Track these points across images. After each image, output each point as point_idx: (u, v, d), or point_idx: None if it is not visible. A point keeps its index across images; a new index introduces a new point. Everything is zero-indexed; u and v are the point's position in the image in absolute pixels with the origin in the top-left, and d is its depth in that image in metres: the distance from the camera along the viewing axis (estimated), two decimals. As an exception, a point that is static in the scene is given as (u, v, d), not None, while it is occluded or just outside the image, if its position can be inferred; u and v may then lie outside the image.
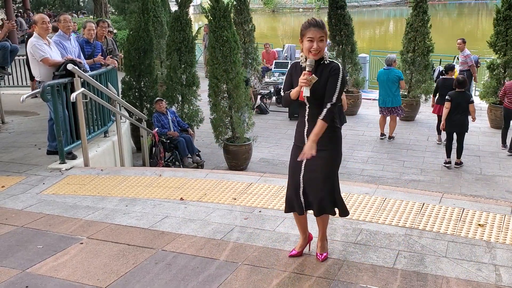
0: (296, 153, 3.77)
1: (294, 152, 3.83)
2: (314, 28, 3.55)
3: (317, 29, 3.55)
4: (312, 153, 3.57)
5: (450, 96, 9.19)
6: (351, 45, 13.19)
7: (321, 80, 3.60)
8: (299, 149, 3.73)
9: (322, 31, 3.56)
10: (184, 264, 3.97)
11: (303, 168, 3.76)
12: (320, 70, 3.63)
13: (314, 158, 3.63)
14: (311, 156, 3.59)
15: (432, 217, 4.71)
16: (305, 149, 3.60)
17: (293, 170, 3.83)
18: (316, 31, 3.54)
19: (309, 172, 3.74)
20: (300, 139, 3.77)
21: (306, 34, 3.58)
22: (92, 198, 5.48)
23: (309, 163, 3.72)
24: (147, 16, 10.26)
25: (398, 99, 10.92)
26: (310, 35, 3.55)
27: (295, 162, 3.80)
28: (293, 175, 3.83)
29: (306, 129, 3.71)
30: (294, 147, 3.87)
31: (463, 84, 9.16)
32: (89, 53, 8.01)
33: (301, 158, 3.65)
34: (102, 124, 7.79)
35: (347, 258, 3.98)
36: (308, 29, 3.57)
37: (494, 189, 8.38)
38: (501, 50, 11.58)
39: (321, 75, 3.62)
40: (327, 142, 3.70)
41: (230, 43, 8.97)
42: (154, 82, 10.58)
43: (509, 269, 3.78)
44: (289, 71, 3.84)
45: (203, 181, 5.89)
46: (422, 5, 12.40)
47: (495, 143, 10.76)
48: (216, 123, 9.45)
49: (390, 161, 9.85)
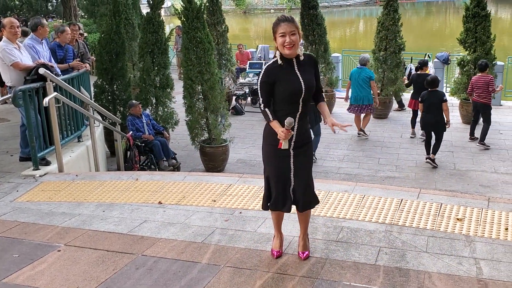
0: (278, 154, 3.72)
1: (276, 153, 3.74)
2: (284, 23, 3.56)
3: (287, 23, 3.56)
4: (338, 125, 3.73)
5: (422, 96, 9.36)
6: (324, 44, 13.25)
7: (309, 73, 3.67)
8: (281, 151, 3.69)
9: (292, 25, 3.56)
10: (166, 269, 3.92)
11: (293, 166, 3.76)
12: (301, 66, 3.66)
13: (300, 154, 3.72)
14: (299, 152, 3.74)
15: (411, 212, 4.75)
16: (334, 122, 3.72)
17: (280, 170, 3.78)
18: (286, 25, 3.55)
19: (298, 169, 3.76)
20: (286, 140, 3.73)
21: (278, 30, 3.58)
22: (68, 204, 5.38)
23: (297, 160, 3.75)
24: (118, 19, 10.12)
25: (370, 97, 11.05)
26: (282, 30, 3.55)
27: (279, 161, 3.76)
28: (282, 175, 3.79)
29: (296, 128, 3.69)
30: (273, 149, 3.73)
31: (432, 83, 9.29)
32: (61, 57, 7.89)
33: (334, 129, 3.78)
34: (75, 129, 7.66)
35: (330, 256, 3.98)
36: (278, 25, 3.58)
37: (468, 184, 8.51)
38: (471, 47, 11.77)
39: (305, 70, 3.65)
40: (307, 136, 3.81)
41: (204, 44, 8.92)
42: (127, 85, 10.45)
43: (489, 262, 3.83)
44: (265, 79, 3.63)
45: (181, 183, 5.83)
46: (393, 4, 12.53)
47: (467, 138, 10.93)
48: (191, 125, 9.38)
49: (365, 159, 9.92)
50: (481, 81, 10.22)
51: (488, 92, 10.20)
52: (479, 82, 10.26)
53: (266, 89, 3.65)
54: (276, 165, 3.80)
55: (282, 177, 3.80)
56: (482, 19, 11.59)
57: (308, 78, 3.65)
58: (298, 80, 3.62)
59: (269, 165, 3.84)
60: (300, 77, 3.63)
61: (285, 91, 3.61)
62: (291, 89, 3.60)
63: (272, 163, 3.82)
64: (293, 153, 3.74)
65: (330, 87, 13.53)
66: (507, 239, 4.19)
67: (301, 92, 3.60)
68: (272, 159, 3.81)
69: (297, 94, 3.60)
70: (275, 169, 3.81)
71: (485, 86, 10.18)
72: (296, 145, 3.73)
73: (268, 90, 3.65)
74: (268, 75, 3.64)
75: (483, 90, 10.22)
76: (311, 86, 3.66)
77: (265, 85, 3.64)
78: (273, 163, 3.81)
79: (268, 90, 3.65)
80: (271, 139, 3.75)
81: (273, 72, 3.64)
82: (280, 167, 3.79)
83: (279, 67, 3.65)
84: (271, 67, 3.67)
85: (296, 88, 3.59)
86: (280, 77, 3.62)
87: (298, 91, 3.60)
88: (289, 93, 3.61)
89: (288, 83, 3.60)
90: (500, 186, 8.33)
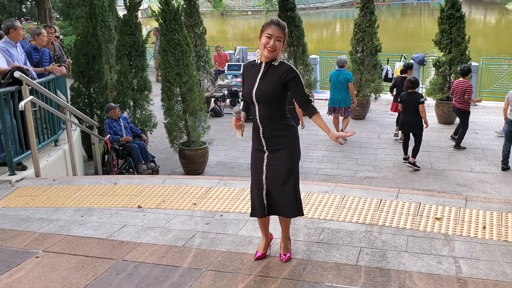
0: (256, 155, 3.82)
1: (254, 154, 3.87)
2: (275, 26, 3.58)
3: (278, 28, 3.58)
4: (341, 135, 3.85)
5: (401, 97, 9.51)
6: (302, 46, 13.31)
7: (270, 80, 3.63)
8: (258, 152, 3.80)
9: (282, 31, 3.59)
10: (147, 273, 3.88)
11: (265, 169, 3.76)
12: (268, 71, 3.65)
13: (275, 158, 3.71)
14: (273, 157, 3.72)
15: (391, 212, 4.79)
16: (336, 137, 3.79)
17: (255, 172, 3.84)
18: (276, 29, 3.57)
19: (271, 172, 3.75)
20: (258, 142, 3.79)
21: (266, 30, 3.60)
22: (45, 210, 5.29)
23: (270, 163, 3.74)
24: (95, 21, 10.01)
25: (348, 100, 11.04)
26: (270, 32, 3.58)
27: (256, 164, 3.82)
28: (255, 177, 3.83)
29: (261, 131, 3.72)
30: (253, 150, 3.89)
31: (414, 84, 9.42)
32: (37, 60, 7.76)
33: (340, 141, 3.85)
34: (52, 133, 7.56)
35: (311, 258, 3.99)
36: (269, 26, 3.60)
37: (445, 183, 8.62)
38: (446, 48, 11.93)
39: (269, 76, 3.64)
40: (284, 141, 3.75)
41: (182, 46, 8.88)
42: (104, 88, 10.34)
43: (467, 260, 3.88)
44: (242, 74, 3.85)
45: (160, 187, 5.79)
46: (369, 5, 12.64)
47: (443, 138, 11.09)
48: (170, 127, 9.32)
49: (344, 159, 9.99)
50: (459, 86, 10.25)
51: (465, 99, 10.21)
52: (457, 87, 10.31)
53: (243, 83, 3.82)
54: (253, 167, 3.87)
55: (256, 179, 3.83)
56: (457, 21, 11.76)
57: (266, 86, 3.62)
58: (253, 84, 3.66)
59: (251, 165, 3.91)
60: (258, 82, 3.65)
61: (244, 90, 3.75)
62: (245, 89, 3.72)
63: (251, 163, 3.91)
64: (267, 156, 3.76)
65: (309, 89, 13.58)
66: (484, 238, 4.25)
67: (251, 96, 3.66)
68: (251, 160, 3.90)
69: (249, 96, 3.67)
70: (252, 169, 3.88)
71: (462, 92, 10.18)
72: (269, 148, 3.75)
73: (244, 82, 3.81)
74: (242, 70, 3.85)
75: (460, 96, 10.24)
76: (265, 94, 3.62)
77: (242, 78, 3.84)
78: (251, 163, 3.90)
79: (244, 82, 3.81)
80: (253, 141, 3.85)
81: (246, 69, 3.81)
82: (255, 169, 3.84)
83: (251, 66, 3.75)
84: (247, 64, 3.84)
85: (248, 90, 3.68)
86: (246, 75, 3.76)
87: (249, 94, 3.67)
88: (245, 92, 3.74)
89: (247, 83, 3.72)
90: (476, 185, 8.46)
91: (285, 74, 3.61)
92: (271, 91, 3.62)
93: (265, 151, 3.76)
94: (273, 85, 3.62)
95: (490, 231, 4.36)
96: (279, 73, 3.63)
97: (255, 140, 3.81)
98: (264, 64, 3.67)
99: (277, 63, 3.65)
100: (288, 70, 3.63)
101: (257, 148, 3.81)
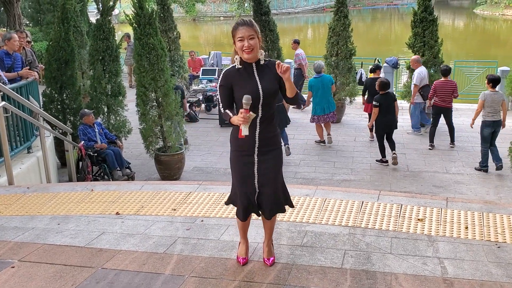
0: (242, 161, 3.67)
1: (239, 160, 3.70)
2: (242, 27, 3.50)
3: (246, 27, 3.50)
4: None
5: (378, 100, 9.52)
6: (277, 50, 13.31)
7: (268, 78, 3.58)
8: (246, 157, 3.66)
9: (251, 29, 3.50)
10: (128, 282, 3.77)
11: (257, 173, 3.67)
12: (261, 70, 3.59)
13: (265, 161, 3.63)
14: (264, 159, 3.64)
15: (373, 214, 4.78)
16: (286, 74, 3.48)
17: (244, 179, 3.70)
18: (244, 29, 3.49)
19: (263, 176, 3.67)
20: (249, 145, 3.62)
21: (236, 34, 3.52)
22: (20, 218, 5.13)
23: (261, 167, 3.65)
24: (67, 26, 9.81)
25: (333, 103, 10.99)
26: (240, 34, 3.50)
27: (244, 170, 3.68)
28: (246, 182, 3.71)
29: (258, 132, 3.61)
30: (237, 155, 3.70)
31: (387, 86, 9.54)
32: (9, 65, 7.57)
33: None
34: (25, 140, 7.37)
35: (296, 262, 3.94)
36: (237, 30, 3.52)
37: (422, 185, 8.69)
38: (419, 50, 12.07)
39: (265, 74, 3.58)
40: (274, 141, 3.69)
41: (157, 51, 8.77)
42: (77, 94, 10.13)
43: (452, 261, 3.88)
44: (223, 83, 3.60)
45: (138, 193, 5.67)
46: (343, 9, 12.73)
47: (418, 140, 11.21)
48: (145, 133, 9.18)
49: (321, 163, 9.99)
50: (446, 86, 10.46)
51: (452, 97, 10.52)
52: (444, 87, 10.47)
53: (224, 93, 3.60)
54: (240, 172, 3.72)
55: (246, 185, 3.71)
56: (429, 24, 11.92)
57: (267, 83, 3.57)
58: (256, 85, 3.55)
59: (234, 171, 3.77)
60: (259, 81, 3.56)
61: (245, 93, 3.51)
62: (247, 92, 3.49)
63: (236, 169, 3.75)
64: (257, 159, 3.66)
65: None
66: (467, 238, 4.27)
67: (258, 97, 3.54)
68: (237, 166, 3.73)
69: (255, 99, 3.51)
70: (239, 176, 3.73)
71: (450, 91, 10.46)
72: (261, 150, 3.65)
73: (226, 93, 3.60)
74: (225, 79, 3.61)
75: (448, 94, 10.47)
76: (270, 91, 3.58)
77: (222, 89, 3.61)
78: (237, 169, 3.74)
79: (227, 94, 3.59)
80: (236, 145, 3.70)
81: (231, 76, 3.60)
82: (244, 175, 3.70)
83: (237, 71, 3.60)
84: (229, 71, 3.63)
85: (253, 93, 3.50)
86: (238, 81, 3.57)
87: (256, 96, 3.52)
88: (248, 95, 3.49)
89: (245, 87, 3.53)
90: (452, 186, 8.55)
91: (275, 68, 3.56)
92: (274, 87, 3.59)
93: (255, 154, 3.64)
94: (273, 82, 3.58)
95: (472, 231, 4.38)
96: (271, 69, 3.58)
97: (245, 144, 3.62)
98: (253, 64, 3.59)
99: (263, 62, 3.60)
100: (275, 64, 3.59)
101: (245, 153, 3.66)
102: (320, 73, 10.84)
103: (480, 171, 9.17)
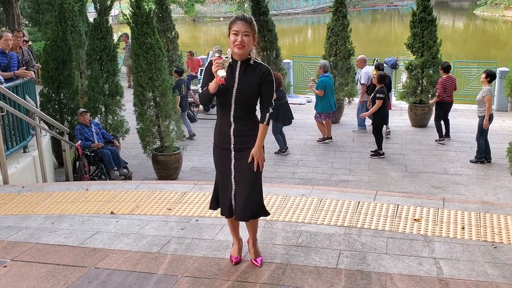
0: (221, 155, 3.70)
1: (218, 153, 3.73)
2: (240, 21, 3.45)
3: (243, 23, 3.45)
4: (262, 157, 3.61)
5: (383, 93, 9.88)
6: (276, 50, 13.30)
7: (249, 81, 3.52)
8: (224, 151, 3.67)
9: (248, 26, 3.46)
10: (120, 281, 3.74)
11: (233, 169, 3.66)
12: (246, 71, 3.54)
13: (242, 157, 3.61)
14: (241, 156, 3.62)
15: (369, 214, 4.74)
16: (256, 155, 3.57)
17: (222, 172, 3.71)
18: (241, 24, 3.44)
19: (238, 173, 3.64)
20: (226, 140, 3.64)
21: (232, 27, 3.48)
22: (14, 218, 5.09)
23: (238, 163, 3.64)
24: (64, 25, 9.77)
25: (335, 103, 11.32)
26: (236, 28, 3.45)
27: (223, 164, 3.69)
28: (223, 177, 3.71)
29: (232, 129, 3.60)
30: (217, 149, 3.74)
31: (386, 78, 10.15)
32: (5, 64, 7.53)
33: (255, 164, 3.60)
34: (21, 139, 7.33)
35: (290, 262, 3.90)
36: (234, 23, 3.47)
37: (420, 185, 8.65)
38: (418, 51, 12.04)
39: (247, 76, 3.53)
40: (252, 140, 3.63)
41: (154, 50, 8.73)
42: (74, 93, 10.10)
43: (448, 261, 3.84)
44: (207, 68, 3.61)
45: (134, 193, 5.63)
46: (342, 9, 12.70)
47: (417, 141, 11.17)
48: (143, 133, 9.15)
49: (319, 163, 9.95)
50: (450, 81, 10.87)
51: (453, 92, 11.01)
52: (449, 83, 10.83)
53: (207, 76, 3.60)
54: (219, 166, 3.75)
55: (224, 179, 3.72)
56: (428, 24, 11.89)
57: (245, 87, 3.52)
58: (232, 84, 3.53)
59: (215, 166, 3.80)
60: (237, 82, 3.53)
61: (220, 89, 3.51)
62: (221, 89, 3.49)
63: (216, 164, 3.78)
64: (234, 155, 3.65)
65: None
66: (464, 238, 4.23)
67: (230, 96, 3.53)
68: (216, 160, 3.77)
69: (226, 97, 3.52)
70: (218, 170, 3.76)
71: (453, 85, 10.92)
72: (236, 147, 3.63)
73: (208, 77, 3.58)
74: (209, 67, 3.56)
75: (452, 89, 10.90)
76: (244, 95, 3.53)
77: (206, 72, 3.62)
78: (217, 163, 3.77)
79: (208, 78, 3.57)
80: (217, 139, 3.73)
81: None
82: (222, 169, 3.71)
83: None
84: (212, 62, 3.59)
85: (226, 91, 3.51)
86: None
87: (227, 94, 3.52)
88: (220, 92, 3.51)
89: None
90: (450, 187, 8.51)
91: (265, 75, 3.53)
92: (251, 92, 3.53)
93: (232, 150, 3.64)
94: (252, 87, 3.53)
95: (469, 231, 4.35)
96: (257, 73, 3.53)
97: (221, 138, 3.66)
98: (239, 62, 3.55)
99: (252, 62, 3.56)
100: (267, 72, 3.56)
101: (222, 147, 3.67)
102: (327, 72, 11.05)
103: (476, 163, 9.49)
